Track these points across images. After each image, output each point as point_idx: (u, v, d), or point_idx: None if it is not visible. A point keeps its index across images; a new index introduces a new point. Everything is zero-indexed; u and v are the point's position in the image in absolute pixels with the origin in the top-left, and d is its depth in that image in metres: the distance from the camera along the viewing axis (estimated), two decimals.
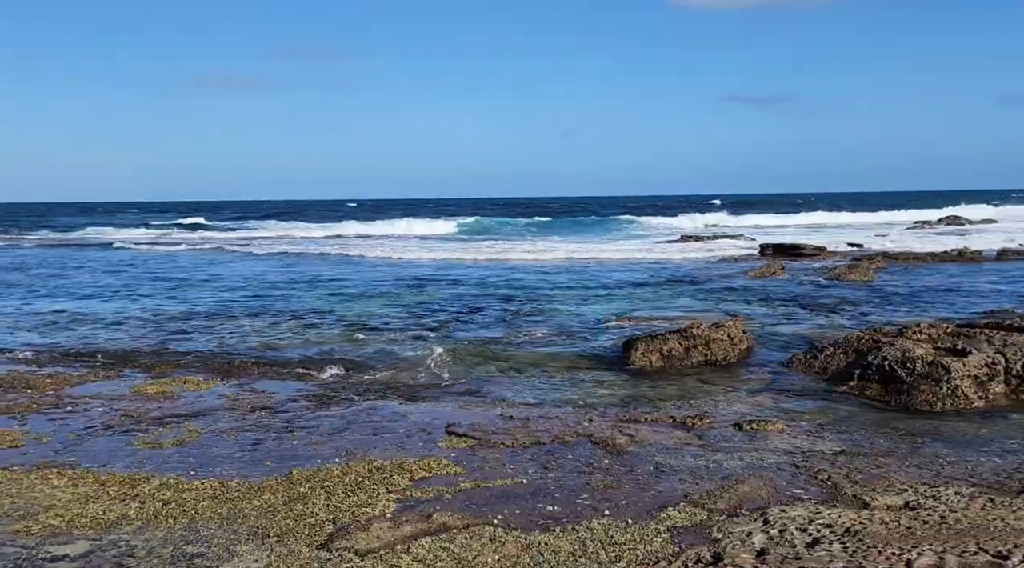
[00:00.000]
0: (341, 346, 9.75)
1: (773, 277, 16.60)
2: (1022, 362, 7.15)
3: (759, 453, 5.39)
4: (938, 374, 7.09)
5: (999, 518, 3.95)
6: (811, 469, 5.01)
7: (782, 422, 6.21)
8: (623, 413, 6.56)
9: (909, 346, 7.69)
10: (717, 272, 18.30)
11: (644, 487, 4.74)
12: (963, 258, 19.46)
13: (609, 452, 5.43)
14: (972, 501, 4.22)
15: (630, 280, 17.00)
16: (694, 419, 6.28)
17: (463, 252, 25.69)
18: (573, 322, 11.43)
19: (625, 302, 13.56)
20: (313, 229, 44.18)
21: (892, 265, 18.51)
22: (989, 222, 40.79)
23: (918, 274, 16.98)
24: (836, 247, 24.28)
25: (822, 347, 8.51)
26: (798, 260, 20.37)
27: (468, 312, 12.53)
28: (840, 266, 17.50)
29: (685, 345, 8.76)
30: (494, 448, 5.53)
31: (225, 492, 4.68)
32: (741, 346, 9.02)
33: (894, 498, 4.37)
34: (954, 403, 6.82)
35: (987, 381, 7.08)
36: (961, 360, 7.21)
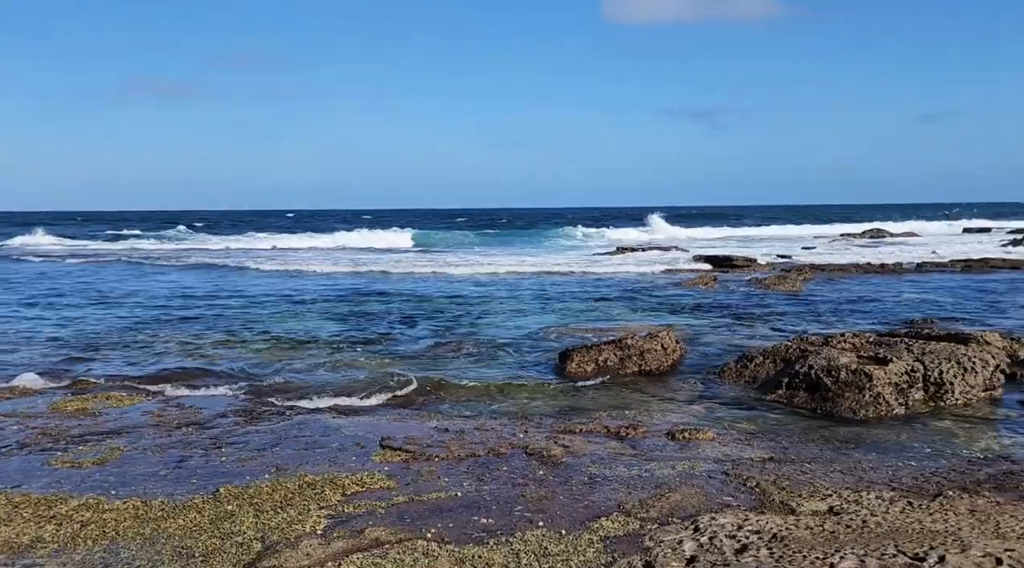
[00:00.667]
0: (272, 360, 9.55)
1: (706, 288, 16.93)
2: (939, 370, 7.44)
3: (691, 461, 5.47)
4: (861, 382, 7.32)
5: (917, 521, 4.09)
6: (741, 476, 5.10)
7: (713, 430, 6.32)
8: (558, 424, 6.59)
9: (834, 355, 7.92)
10: (652, 283, 18.58)
11: (578, 497, 4.76)
12: (885, 269, 20.17)
13: (544, 463, 5.44)
14: (892, 505, 4.36)
15: (567, 292, 17.12)
16: (628, 429, 6.34)
17: (404, 265, 25.51)
18: (510, 334, 11.44)
19: (562, 314, 13.65)
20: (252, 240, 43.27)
21: (819, 276, 19.08)
22: (909, 235, 42.48)
23: (843, 284, 17.54)
24: (767, 259, 24.92)
25: (752, 356, 8.70)
26: (730, 271, 20.83)
27: (403, 325, 12.43)
28: (770, 277, 17.96)
29: (620, 355, 8.86)
30: (429, 461, 5.49)
31: (148, 512, 4.52)
32: (674, 356, 9.16)
33: (819, 503, 4.48)
34: (876, 410, 7.05)
35: (907, 388, 7.34)
36: (882, 368, 7.47)
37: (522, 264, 24.61)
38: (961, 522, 4.04)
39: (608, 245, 35.23)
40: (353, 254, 31.41)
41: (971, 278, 18.51)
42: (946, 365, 7.47)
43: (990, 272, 19.64)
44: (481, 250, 33.88)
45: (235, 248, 36.97)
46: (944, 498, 4.44)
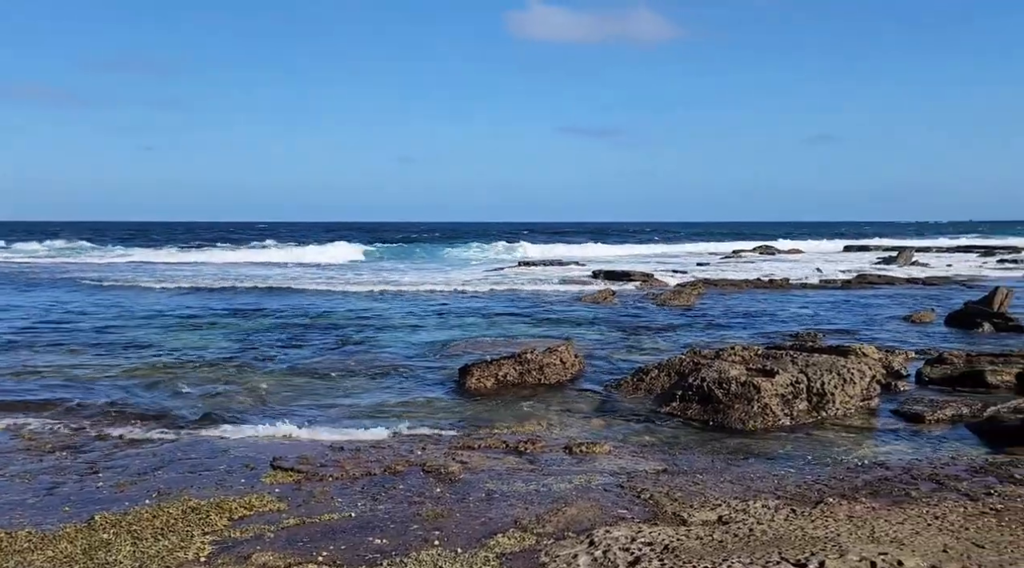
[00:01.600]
0: (158, 378, 9.11)
1: (605, 303, 17.24)
2: (821, 381, 7.79)
3: (587, 475, 5.52)
4: (750, 394, 7.58)
5: (799, 528, 4.24)
6: (635, 489, 5.18)
7: (610, 444, 6.41)
8: (457, 440, 6.53)
9: (725, 367, 8.18)
10: (553, 298, 18.79)
11: (475, 515, 4.72)
12: (773, 285, 21.07)
13: (441, 480, 5.37)
14: (777, 513, 4.51)
15: (468, 307, 17.10)
16: (526, 444, 6.35)
17: (304, 282, 24.92)
18: (410, 350, 11.32)
19: (462, 329, 13.61)
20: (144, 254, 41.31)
21: (712, 291, 19.74)
22: (796, 252, 44.61)
23: (734, 299, 18.21)
24: (663, 274, 25.63)
25: (648, 370, 8.88)
26: (629, 286, 21.30)
27: (299, 342, 12.11)
28: (666, 292, 18.46)
29: (519, 370, 8.88)
30: (322, 481, 5.33)
31: (13, 543, 4.21)
32: (573, 370, 9.27)
33: (709, 513, 4.59)
34: (764, 421, 7.31)
35: (792, 399, 7.64)
36: (769, 380, 7.76)
37: (424, 279, 24.47)
38: (840, 528, 4.21)
39: (511, 260, 35.48)
40: (258, 269, 30.46)
41: (851, 293, 19.55)
42: (827, 377, 7.83)
43: (867, 288, 20.79)
44: (383, 265, 33.47)
45: (121, 262, 35.22)
46: (825, 505, 4.63)
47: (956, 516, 4.39)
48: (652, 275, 23.85)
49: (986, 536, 4.07)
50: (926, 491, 4.93)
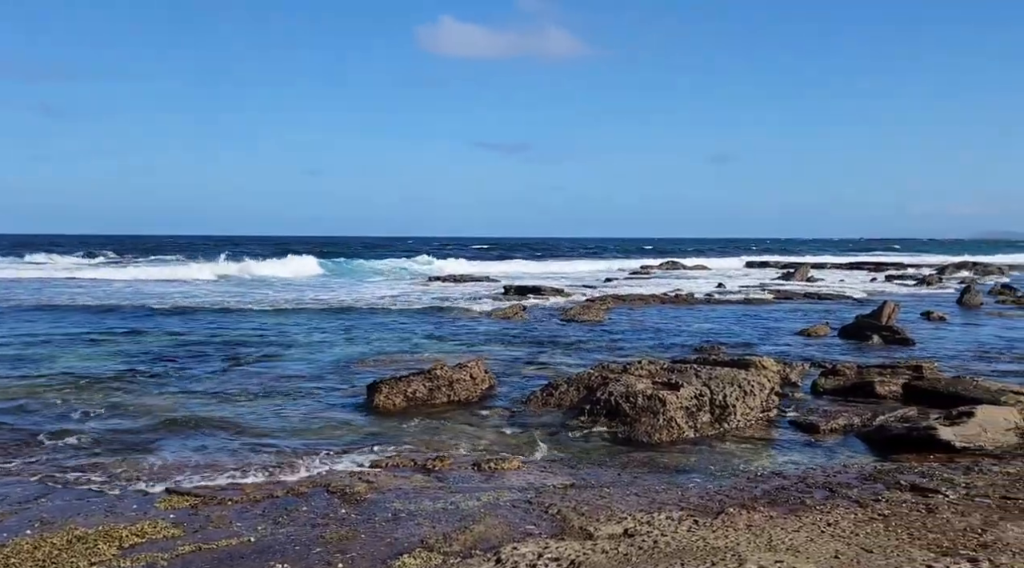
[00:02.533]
0: (43, 398, 8.61)
1: (515, 318, 17.31)
2: (724, 393, 8.02)
3: (496, 492, 5.50)
4: (656, 407, 7.74)
5: (701, 539, 4.33)
6: (543, 504, 5.19)
7: (519, 459, 6.41)
8: (364, 459, 6.41)
9: (632, 381, 8.32)
10: (464, 313, 18.75)
11: (381, 535, 4.63)
12: (679, 300, 21.63)
13: (347, 501, 5.26)
14: (680, 524, 4.60)
15: (378, 322, 16.88)
16: (435, 461, 6.29)
17: (209, 297, 24.08)
18: (317, 368, 11.07)
19: (372, 344, 13.42)
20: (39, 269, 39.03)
21: (620, 306, 20.11)
22: (701, 268, 45.99)
23: (642, 314, 18.60)
24: (573, 289, 25.97)
25: (557, 384, 8.95)
26: (539, 301, 21.47)
27: (198, 360, 11.68)
28: (575, 307, 18.68)
29: (429, 386, 8.80)
30: (221, 505, 5.13)
31: None
32: (483, 386, 9.25)
33: (615, 527, 4.64)
34: (669, 433, 7.46)
35: (696, 412, 7.83)
36: (675, 393, 7.94)
37: (333, 293, 24.03)
38: (739, 537, 4.33)
39: (423, 275, 35.25)
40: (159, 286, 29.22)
41: (751, 308, 20.25)
42: (729, 389, 8.06)
43: (767, 303, 21.58)
44: (288, 278, 32.62)
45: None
46: (726, 515, 4.75)
47: (847, 522, 4.58)
48: (562, 290, 24.13)
49: (874, 541, 4.25)
50: (820, 499, 5.12)
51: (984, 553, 4.03)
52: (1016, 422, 7.14)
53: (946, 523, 4.54)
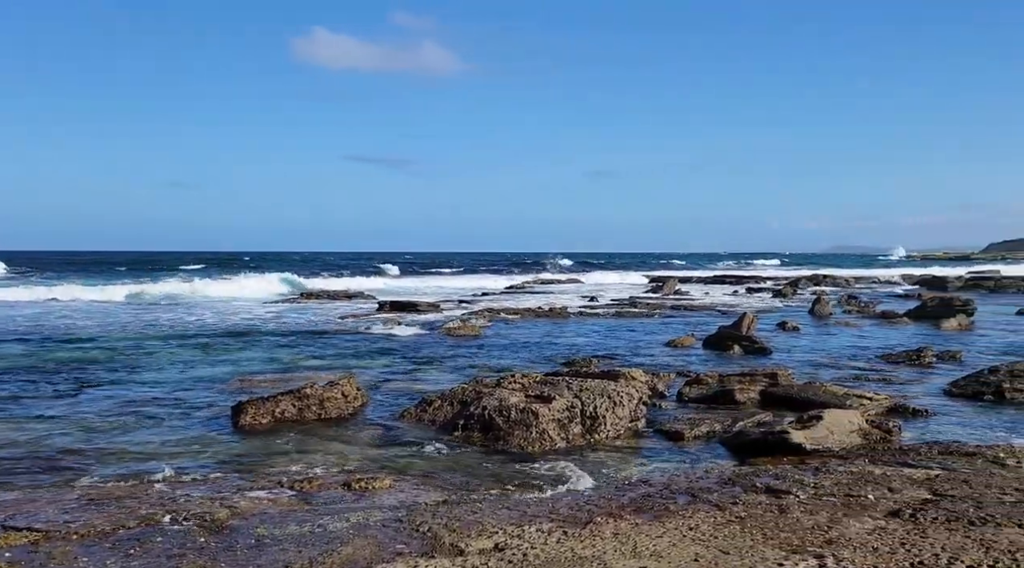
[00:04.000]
0: None
1: (391, 334, 17.11)
2: (594, 405, 8.20)
3: (366, 511, 5.38)
4: (528, 420, 7.82)
5: (570, 549, 4.39)
6: (415, 522, 5.12)
7: (391, 477, 6.31)
8: (227, 483, 6.14)
9: (505, 395, 8.38)
10: (338, 328, 18.37)
11: (242, 563, 4.42)
12: (553, 313, 22.01)
13: (206, 529, 5.00)
14: (550, 536, 4.65)
15: (247, 339, 16.27)
16: (303, 482, 6.10)
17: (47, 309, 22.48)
18: (179, 388, 10.54)
19: (238, 363, 12.91)
20: None
21: (496, 320, 20.26)
22: (575, 281, 47.02)
23: (517, 328, 18.80)
24: (450, 304, 25.97)
25: (431, 400, 8.90)
26: (415, 315, 21.32)
27: (43, 381, 10.88)
28: (452, 322, 18.67)
29: (299, 406, 8.55)
30: (65, 540, 4.77)
31: None
32: (356, 403, 9.07)
33: (486, 541, 4.63)
34: (542, 445, 7.56)
35: (568, 423, 7.97)
36: (547, 406, 8.05)
37: (200, 307, 22.99)
38: (606, 546, 4.42)
39: (294, 291, 34.25)
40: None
41: (622, 321, 20.87)
42: (600, 400, 8.25)
43: (636, 316, 22.29)
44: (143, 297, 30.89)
45: None
46: (594, 524, 4.83)
47: (707, 526, 4.76)
48: (438, 305, 24.07)
49: (731, 543, 4.44)
50: (683, 504, 5.30)
51: (829, 549, 4.29)
52: (859, 424, 7.66)
53: (796, 522, 4.80)
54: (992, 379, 9.93)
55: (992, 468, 6.16)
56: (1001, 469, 6.14)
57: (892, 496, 5.36)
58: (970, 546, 4.29)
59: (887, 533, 4.54)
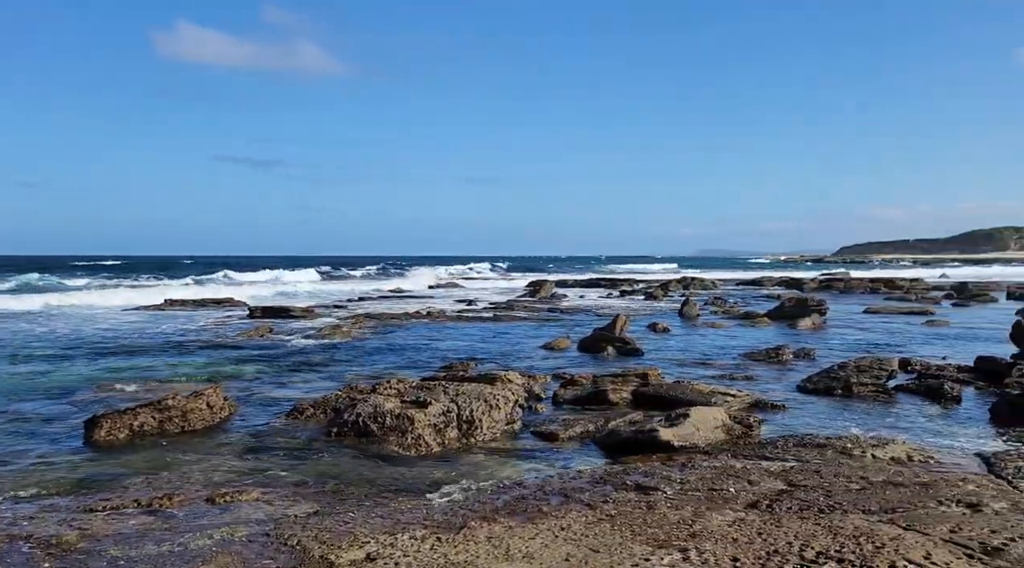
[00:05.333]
0: None
1: (262, 339, 16.55)
2: (470, 409, 8.20)
3: (231, 526, 5.15)
4: (404, 426, 7.73)
5: (443, 555, 4.36)
6: (283, 535, 4.94)
7: (259, 490, 6.08)
8: (78, 504, 5.73)
9: (380, 401, 8.25)
10: (205, 336, 17.57)
11: None
12: (431, 317, 21.90)
13: (53, 554, 4.64)
14: (423, 543, 4.60)
15: (107, 348, 15.30)
16: (163, 499, 5.77)
17: None
18: (26, 400, 9.77)
19: (93, 372, 12.11)
20: None
21: (373, 324, 19.94)
22: (453, 285, 46.98)
23: (395, 332, 18.58)
24: (325, 309, 25.37)
25: (303, 408, 8.65)
26: (288, 322, 20.70)
27: None
28: (327, 326, 18.25)
29: (159, 418, 8.11)
30: None
31: None
32: (223, 413, 8.70)
33: (358, 552, 4.53)
34: (417, 451, 7.49)
35: (444, 428, 7.94)
36: (423, 411, 7.99)
37: (50, 319, 21.43)
38: (479, 550, 4.41)
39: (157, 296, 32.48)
40: None
41: (500, 324, 20.99)
42: (476, 404, 8.26)
43: (514, 319, 22.49)
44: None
45: None
46: (468, 529, 4.82)
47: (579, 525, 4.84)
48: (313, 310, 23.48)
49: (601, 541, 4.53)
50: (556, 504, 5.37)
51: (693, 542, 4.44)
52: (723, 420, 8.01)
53: (663, 517, 4.96)
54: (841, 375, 10.62)
55: (841, 458, 6.58)
56: (848, 459, 6.57)
57: (751, 488, 5.63)
58: (820, 533, 4.56)
59: (746, 524, 4.76)
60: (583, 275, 59.86)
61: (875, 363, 10.84)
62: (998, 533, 4.52)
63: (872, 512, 4.97)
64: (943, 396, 9.82)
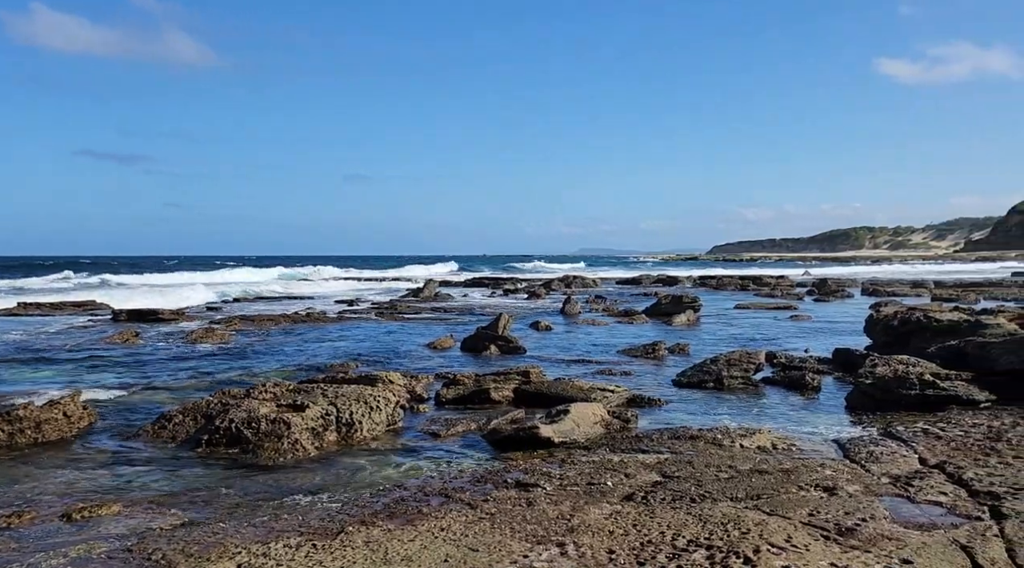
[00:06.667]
0: None
1: (128, 344, 15.66)
2: (350, 411, 8.04)
3: (89, 543, 4.84)
4: (280, 430, 7.49)
5: (319, 563, 4.24)
6: (145, 550, 4.68)
7: (121, 503, 5.73)
8: None
9: (255, 406, 7.96)
10: (64, 341, 16.46)
11: None
12: (311, 318, 21.35)
13: None
14: (298, 551, 4.45)
15: None
16: (11, 517, 5.35)
17: None
18: None
19: None
20: None
21: (249, 327, 19.25)
22: (337, 282, 46.04)
23: (272, 334, 17.99)
24: (197, 311, 24.30)
25: (171, 415, 8.24)
26: (157, 325, 19.70)
27: None
28: (199, 329, 17.49)
29: (9, 430, 7.53)
30: None
31: None
32: (82, 423, 8.16)
33: (227, 564, 4.34)
34: (295, 456, 7.26)
35: (322, 431, 7.74)
36: (300, 415, 7.76)
37: None
38: (357, 555, 4.31)
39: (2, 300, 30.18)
40: None
41: (383, 324, 20.71)
42: (356, 406, 8.11)
43: (398, 319, 22.25)
44: None
45: None
46: (345, 534, 4.71)
47: (459, 525, 4.82)
48: (184, 312, 22.43)
49: (481, 540, 4.52)
50: (436, 505, 5.33)
51: (571, 537, 4.51)
52: (602, 415, 8.19)
53: (542, 513, 5.00)
54: (713, 368, 11.07)
55: (712, 449, 6.85)
56: (719, 449, 6.85)
57: (628, 481, 5.77)
58: (691, 522, 4.72)
59: (622, 516, 4.87)
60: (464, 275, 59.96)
61: (744, 357, 11.35)
62: (851, 514, 4.81)
63: (739, 499, 5.20)
64: (805, 386, 10.40)
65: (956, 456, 6.34)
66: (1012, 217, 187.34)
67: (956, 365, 9.77)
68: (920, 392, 8.91)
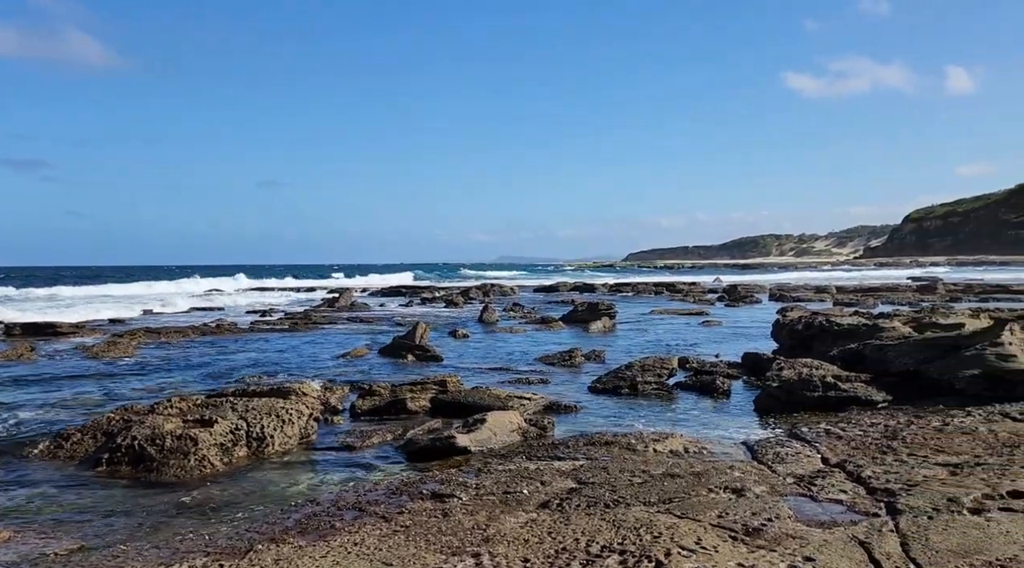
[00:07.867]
0: None
1: (21, 361, 14.85)
2: (261, 425, 7.82)
3: None
4: (187, 447, 7.22)
5: None
6: None
7: (12, 528, 5.41)
8: None
9: (159, 422, 7.66)
10: None
11: None
12: (222, 330, 20.71)
13: None
14: None
15: None
16: None
17: None
18: None
19: None
20: None
21: (155, 340, 18.54)
22: (252, 292, 44.80)
23: (180, 347, 17.37)
24: (99, 324, 23.26)
25: (68, 434, 7.85)
26: (54, 340, 18.75)
27: None
28: (100, 343, 16.73)
29: None
30: None
31: None
32: None
33: None
34: (202, 472, 7.01)
35: (232, 447, 7.51)
36: (208, 430, 7.51)
37: None
38: None
39: None
40: None
41: (297, 334, 20.25)
42: (267, 420, 7.90)
43: (313, 329, 21.82)
44: None
45: None
46: (254, 553, 4.56)
47: (373, 539, 4.73)
48: (84, 325, 21.43)
49: (395, 553, 4.45)
50: (350, 520, 5.22)
51: (486, 547, 4.49)
52: (519, 423, 8.21)
53: (458, 524, 4.97)
54: (628, 374, 11.26)
55: (626, 454, 6.95)
56: (633, 454, 6.95)
57: (543, 489, 5.79)
58: (605, 527, 4.77)
59: (537, 524, 4.88)
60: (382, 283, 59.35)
61: (657, 362, 11.58)
62: (758, 515, 4.95)
63: (652, 504, 5.28)
64: (715, 390, 10.69)
65: (856, 455, 6.61)
66: (906, 225, 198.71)
67: (856, 367, 10.22)
68: (823, 394, 9.28)
